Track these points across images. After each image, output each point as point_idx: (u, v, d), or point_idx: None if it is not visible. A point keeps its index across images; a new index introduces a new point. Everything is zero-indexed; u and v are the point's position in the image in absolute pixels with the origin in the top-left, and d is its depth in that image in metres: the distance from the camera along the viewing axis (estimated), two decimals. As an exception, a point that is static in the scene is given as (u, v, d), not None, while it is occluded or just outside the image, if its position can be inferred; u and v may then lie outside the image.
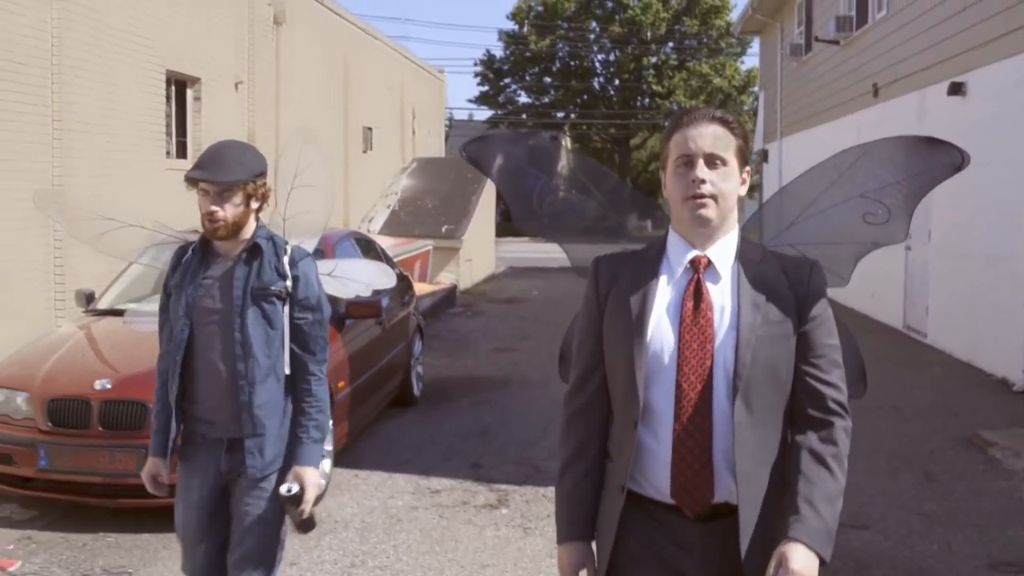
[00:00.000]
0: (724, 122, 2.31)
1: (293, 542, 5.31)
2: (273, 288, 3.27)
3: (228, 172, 3.23)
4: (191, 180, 3.27)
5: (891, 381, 9.49)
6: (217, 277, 3.32)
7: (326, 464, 6.10)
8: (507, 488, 6.32)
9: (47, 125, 9.22)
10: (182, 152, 12.21)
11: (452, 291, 17.15)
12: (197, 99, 12.43)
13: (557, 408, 2.62)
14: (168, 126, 11.78)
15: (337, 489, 6.29)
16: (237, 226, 3.28)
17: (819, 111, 18.20)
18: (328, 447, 6.14)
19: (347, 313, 6.93)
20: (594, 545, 2.39)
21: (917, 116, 12.76)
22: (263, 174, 3.33)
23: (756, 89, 35.78)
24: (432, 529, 5.65)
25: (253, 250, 3.32)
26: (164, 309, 3.45)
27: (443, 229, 19.06)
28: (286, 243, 3.41)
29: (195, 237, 3.53)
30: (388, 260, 8.76)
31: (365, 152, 19.72)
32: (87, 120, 9.73)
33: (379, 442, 7.52)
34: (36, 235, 9.01)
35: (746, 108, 44.85)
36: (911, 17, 13.09)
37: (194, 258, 3.36)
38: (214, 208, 3.23)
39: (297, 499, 3.20)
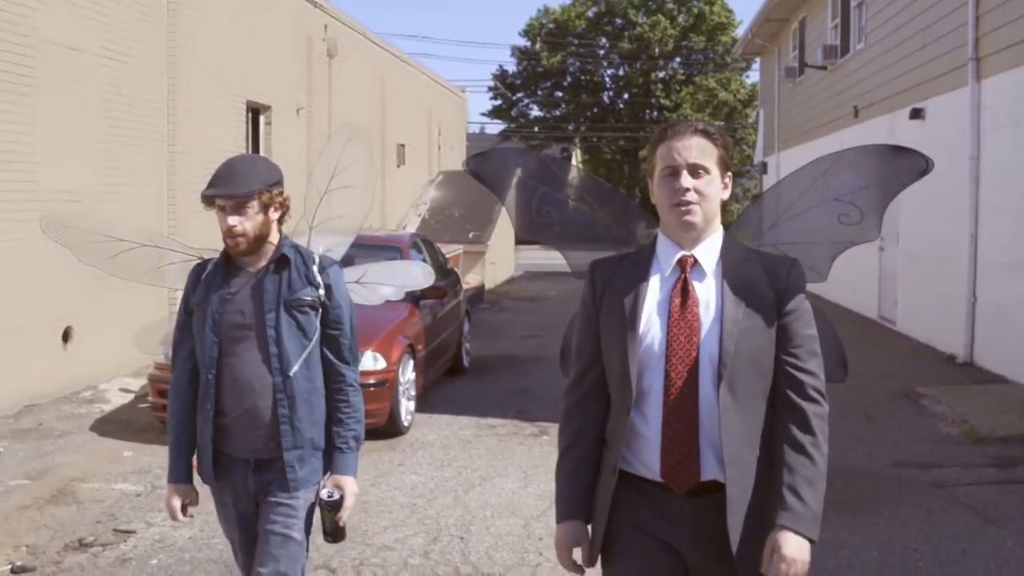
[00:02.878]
0: (706, 134, 2.49)
1: (393, 449, 7.38)
2: (307, 298, 3.21)
3: (242, 184, 3.16)
4: (208, 198, 3.21)
5: (858, 358, 11.27)
6: (245, 291, 3.23)
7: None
8: (546, 424, 8.33)
9: (163, 151, 11.31)
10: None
11: (481, 289, 19.20)
12: (268, 124, 14.54)
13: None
14: (247, 148, 13.87)
15: (418, 426, 8.33)
16: (259, 238, 3.21)
17: (811, 128, 20.17)
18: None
19: (421, 295, 8.98)
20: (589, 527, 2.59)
21: (889, 135, 14.72)
22: (278, 183, 3.25)
23: (758, 103, 37.65)
24: (493, 447, 7.70)
25: (280, 261, 3.25)
26: (182, 327, 3.34)
27: (470, 235, 21.10)
28: (312, 252, 3.38)
29: (212, 254, 3.50)
30: (443, 258, 10.86)
31: (399, 167, 21.81)
32: (191, 145, 11.81)
33: (443, 396, 9.59)
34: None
35: (750, 121, 46.44)
36: (882, 51, 15.11)
37: (216, 273, 3.28)
38: (232, 222, 3.15)
39: (337, 505, 3.21)
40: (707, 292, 2.46)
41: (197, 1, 11.96)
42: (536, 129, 50.32)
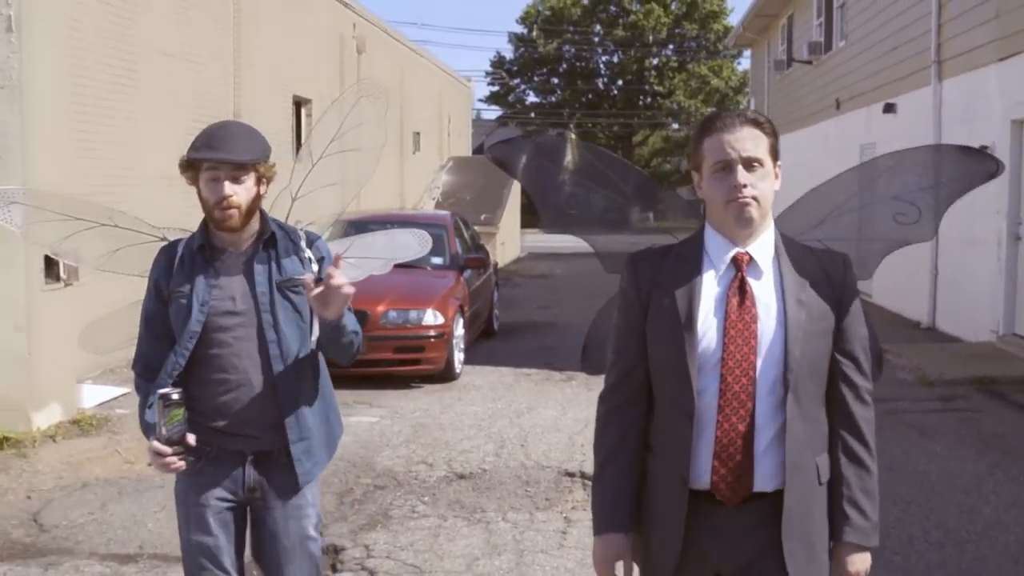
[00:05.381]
0: (756, 123, 2.35)
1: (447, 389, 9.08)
2: (300, 277, 2.98)
3: (244, 150, 2.91)
4: (194, 163, 2.91)
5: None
6: (232, 275, 2.99)
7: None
8: (572, 372, 9.99)
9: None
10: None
11: (495, 267, 20.86)
12: (309, 116, 16.16)
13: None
14: (293, 139, 15.48)
15: (466, 374, 10.02)
16: (249, 213, 2.95)
17: (797, 118, 21.80)
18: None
19: (465, 265, 10.66)
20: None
21: (866, 127, 16.41)
22: (269, 154, 3.03)
23: (749, 91, 39.13)
24: (532, 388, 9.41)
25: (270, 240, 3.01)
26: (154, 318, 3.03)
27: (481, 217, 22.72)
28: (295, 228, 3.15)
29: (179, 234, 3.23)
30: (476, 235, 12.57)
31: (414, 153, 23.43)
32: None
33: (481, 352, 11.29)
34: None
35: (741, 108, 47.71)
36: (861, 50, 16.77)
37: (195, 256, 2.99)
38: (228, 192, 2.87)
39: (182, 403, 2.83)
40: (765, 292, 2.36)
41: (256, 6, 13.56)
42: (532, 115, 51.58)
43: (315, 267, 3.04)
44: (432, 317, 9.30)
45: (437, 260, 10.73)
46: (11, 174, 7.35)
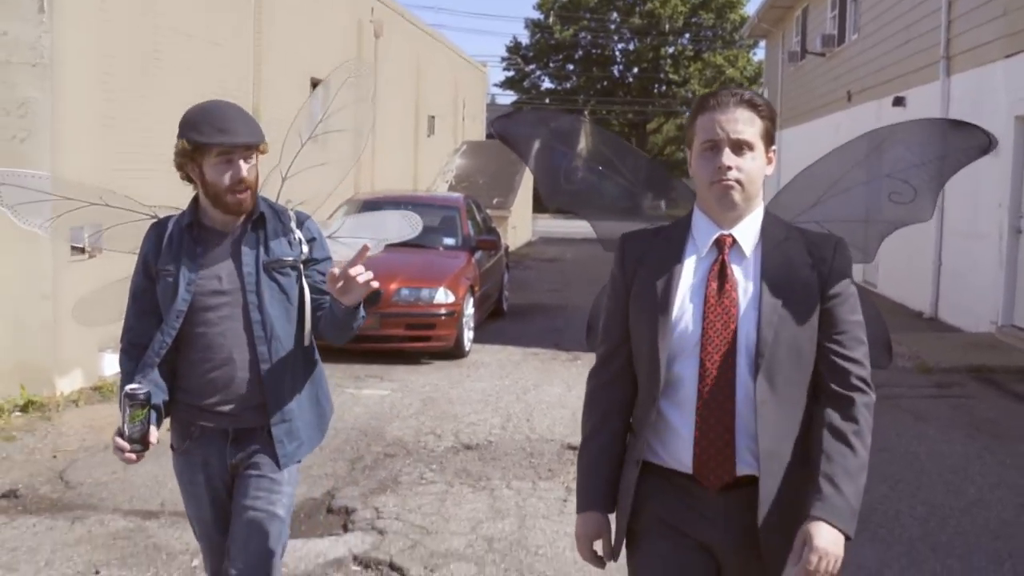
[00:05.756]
0: (751, 105, 2.31)
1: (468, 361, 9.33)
2: (288, 259, 2.99)
3: (253, 132, 2.95)
4: (207, 147, 2.88)
5: (838, 312, 13.50)
6: (219, 254, 2.99)
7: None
8: (579, 353, 10.24)
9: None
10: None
11: (506, 251, 21.13)
12: (326, 98, 16.39)
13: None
14: (310, 120, 15.75)
15: (475, 352, 10.29)
16: (255, 193, 3.00)
17: (809, 109, 21.96)
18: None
19: (476, 246, 10.93)
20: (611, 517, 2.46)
21: (876, 120, 16.55)
22: None
23: (763, 82, 39.22)
24: (539, 367, 9.68)
25: (259, 220, 3.01)
26: (141, 294, 3.04)
27: (494, 201, 22.97)
28: (285, 208, 3.15)
29: (169, 212, 3.23)
30: (489, 217, 12.81)
31: (429, 136, 23.66)
32: (271, 120, 13.65)
33: (491, 332, 11.56)
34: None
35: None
36: (872, 43, 16.93)
37: (184, 234, 3.00)
38: (247, 174, 2.91)
39: (147, 402, 2.81)
40: (746, 275, 2.33)
41: (275, -11, 13.82)
42: (547, 101, 51.71)
43: (304, 248, 3.04)
44: (443, 296, 9.58)
45: (449, 241, 11.03)
46: (40, 149, 7.65)
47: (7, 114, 7.65)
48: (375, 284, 2.83)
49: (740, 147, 2.29)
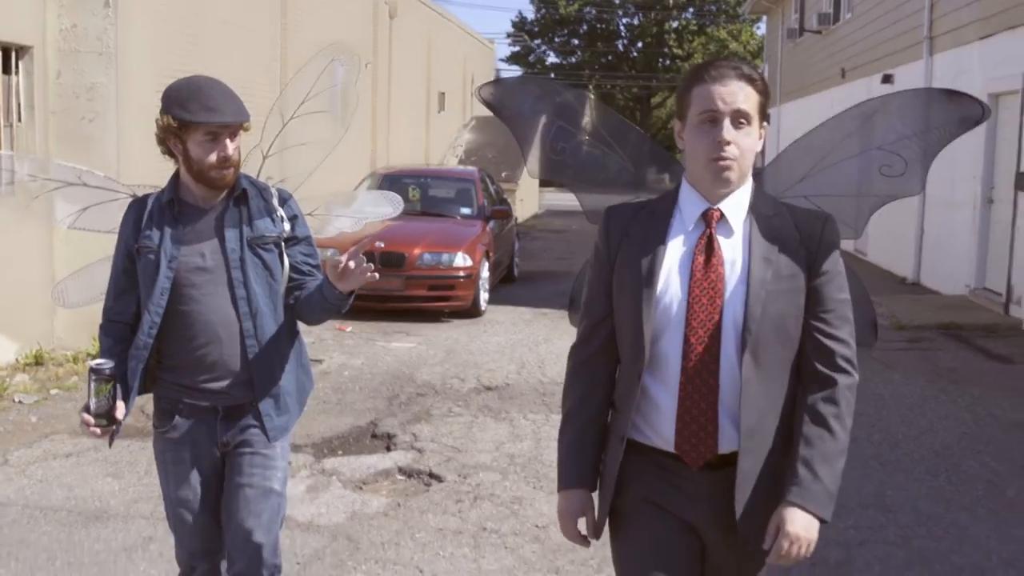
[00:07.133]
0: (749, 79, 2.27)
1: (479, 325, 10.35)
2: (270, 234, 3.00)
3: (239, 110, 2.95)
4: (193, 124, 2.86)
5: (827, 277, 14.51)
6: (202, 231, 2.98)
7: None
8: (585, 313, 11.26)
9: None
10: (335, 118, 17.37)
11: (515, 221, 22.13)
12: (345, 76, 17.31)
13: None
14: (330, 97, 16.68)
15: (490, 312, 11.30)
16: (237, 170, 3.00)
17: (806, 85, 22.81)
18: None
19: (490, 215, 11.93)
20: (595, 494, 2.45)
21: (867, 97, 17.36)
22: None
23: (764, 58, 39.83)
24: (549, 325, 10.70)
25: (241, 197, 3.00)
26: (124, 274, 3.02)
27: (503, 174, 23.90)
28: (267, 184, 3.15)
29: (147, 190, 3.22)
30: (500, 189, 13.81)
31: (439, 112, 24.59)
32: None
33: (503, 295, 12.57)
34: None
35: (759, 71, 48.22)
36: (864, 23, 17.79)
37: (164, 212, 2.97)
38: (232, 153, 2.92)
39: (113, 377, 2.83)
40: (733, 250, 2.29)
41: (299, -25, 14.72)
42: (552, 75, 52.24)
43: (287, 226, 3.04)
44: (462, 260, 10.58)
45: (466, 211, 12.05)
46: (107, 129, 8.63)
47: (76, 97, 8.62)
48: (375, 275, 2.88)
49: (739, 120, 2.25)
